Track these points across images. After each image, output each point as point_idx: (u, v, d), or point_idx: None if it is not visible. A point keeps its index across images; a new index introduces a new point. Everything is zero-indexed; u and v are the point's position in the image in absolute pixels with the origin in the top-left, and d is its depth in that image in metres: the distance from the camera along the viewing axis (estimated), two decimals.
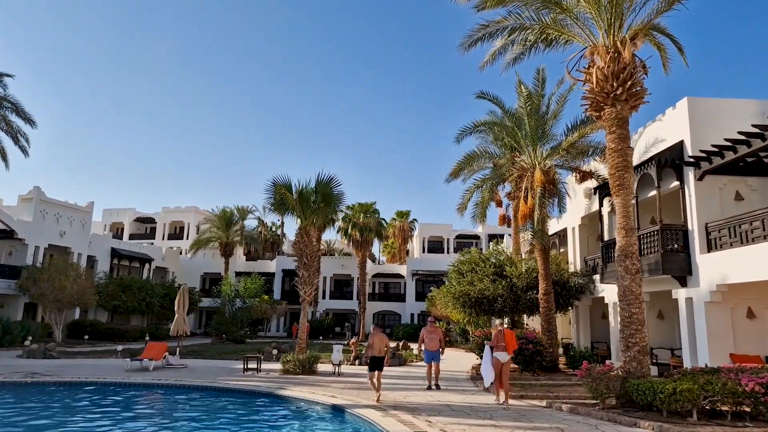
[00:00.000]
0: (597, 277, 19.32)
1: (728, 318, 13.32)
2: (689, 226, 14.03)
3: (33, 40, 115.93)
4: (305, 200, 16.65)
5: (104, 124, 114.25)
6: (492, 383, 11.35)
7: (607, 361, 17.67)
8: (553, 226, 24.97)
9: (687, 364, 13.87)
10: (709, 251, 13.43)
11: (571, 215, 22.46)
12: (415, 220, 62.89)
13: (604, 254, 17.25)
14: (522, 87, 18.02)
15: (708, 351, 13.05)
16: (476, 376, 15.89)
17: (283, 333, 47.25)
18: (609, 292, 18.19)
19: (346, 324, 49.20)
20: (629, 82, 10.41)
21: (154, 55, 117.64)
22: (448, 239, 62.20)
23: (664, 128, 15.29)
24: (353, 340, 20.41)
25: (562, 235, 25.76)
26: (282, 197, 16.46)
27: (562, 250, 25.24)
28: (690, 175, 14.11)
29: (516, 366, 16.94)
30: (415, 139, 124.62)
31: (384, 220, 46.35)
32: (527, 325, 22.61)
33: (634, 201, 10.46)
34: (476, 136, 20.98)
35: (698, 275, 13.57)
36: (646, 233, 14.59)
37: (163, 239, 59.84)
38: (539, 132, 18.34)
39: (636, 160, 16.40)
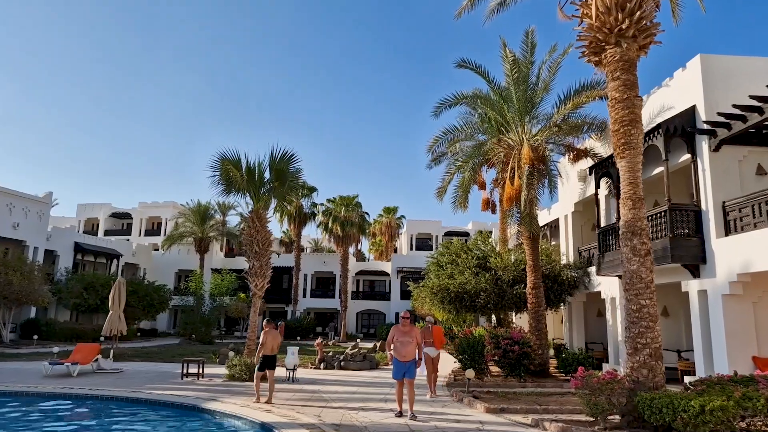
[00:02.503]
0: (592, 269, 17.19)
1: (750, 314, 11.16)
2: (703, 206, 11.87)
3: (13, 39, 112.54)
4: (255, 178, 14.33)
5: (86, 119, 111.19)
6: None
7: (605, 366, 15.58)
8: (544, 217, 22.88)
9: (700, 368, 11.72)
10: (727, 235, 11.29)
11: (563, 203, 20.33)
12: (402, 216, 60.88)
13: (601, 242, 15.08)
14: (507, 50, 15.81)
15: (726, 353, 10.89)
16: (453, 383, 13.66)
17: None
18: (606, 286, 16.06)
19: (330, 324, 47.00)
20: (637, 14, 8.21)
21: (137, 52, 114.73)
22: (436, 236, 59.94)
23: (673, 94, 13.14)
24: (318, 340, 18.11)
25: (553, 226, 23.67)
26: (229, 175, 14.12)
27: (553, 243, 23.14)
28: (704, 145, 11.95)
29: (500, 371, 14.78)
30: (406, 137, 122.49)
31: (367, 214, 44.13)
32: (514, 323, 20.39)
33: (641, 165, 8.26)
34: (459, 116, 18.76)
35: (714, 263, 11.42)
36: (652, 215, 12.40)
37: (139, 235, 57.36)
38: (527, 105, 16.17)
39: None
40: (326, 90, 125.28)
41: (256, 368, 10.43)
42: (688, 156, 12.45)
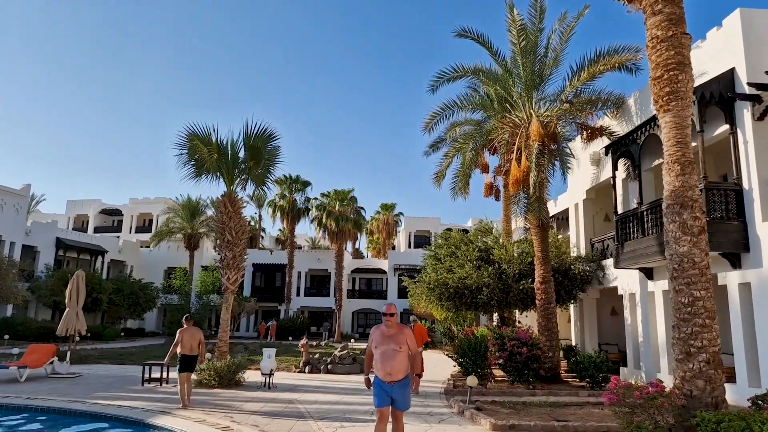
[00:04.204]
0: (607, 262, 15.49)
1: None
2: (745, 184, 10.17)
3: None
4: (228, 157, 12.60)
5: (79, 115, 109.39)
6: None
7: (623, 370, 13.77)
8: (550, 209, 21.11)
9: (742, 375, 9.99)
10: None
11: (572, 191, 18.61)
12: (401, 213, 59.30)
13: (619, 231, 13.36)
14: (514, 13, 14.06)
15: None
16: (452, 390, 11.94)
17: (254, 333, 43.11)
18: (624, 280, 14.36)
19: (324, 323, 45.35)
20: None
21: (130, 48, 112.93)
22: (435, 233, 58.12)
23: (706, 57, 11.40)
24: (303, 341, 16.37)
25: (560, 218, 21.94)
26: (197, 153, 12.38)
27: (560, 237, 21.40)
28: (745, 114, 10.25)
29: (504, 375, 13.08)
30: (406, 137, 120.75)
31: (363, 209, 42.37)
32: (519, 322, 18.67)
33: (691, 121, 6.52)
34: (460, 96, 17.01)
35: (759, 251, 9.72)
36: None
37: (130, 232, 55.80)
38: (536, 79, 14.47)
39: None
40: (326, 89, 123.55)
41: (178, 370, 9.44)
42: (725, 128, 10.75)
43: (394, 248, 59.06)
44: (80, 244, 37.35)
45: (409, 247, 58.48)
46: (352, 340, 30.09)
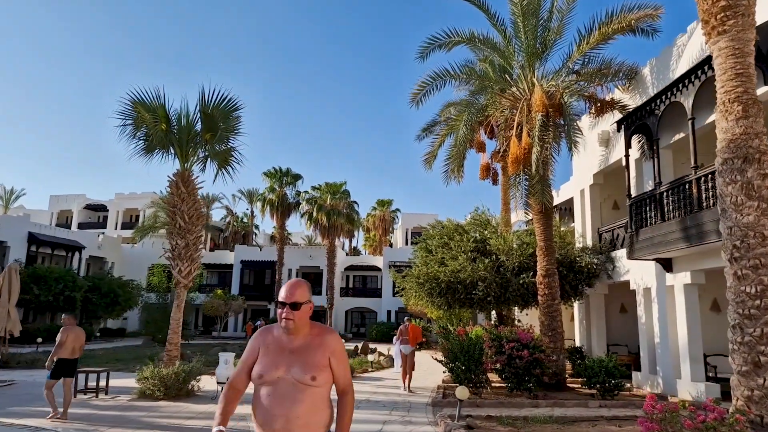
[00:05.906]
0: (617, 254, 13.78)
1: None
2: None
3: None
4: (182, 128, 10.81)
5: (68, 109, 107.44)
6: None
7: (636, 375, 11.82)
8: (553, 199, 19.44)
9: None
10: None
11: (578, 176, 16.88)
12: (397, 209, 57.65)
13: (633, 217, 11.62)
14: None
15: None
16: (441, 402, 10.17)
17: (242, 333, 41.36)
18: (638, 274, 12.65)
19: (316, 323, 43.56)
20: None
21: (122, 43, 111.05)
22: (430, 225, 56.31)
23: None
24: None
25: (564, 209, 20.25)
26: (144, 124, 10.59)
27: (563, 229, 19.70)
28: None
29: (501, 380, 11.36)
30: (404, 134, 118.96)
31: (356, 203, 40.56)
32: (519, 321, 16.94)
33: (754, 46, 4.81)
34: (453, 64, 15.26)
35: None
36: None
37: (116, 228, 54.16)
38: (538, 46, 12.74)
39: (688, 64, 10.87)
40: (326, 88, 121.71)
41: (48, 376, 8.30)
42: (764, 90, 9.01)
43: (391, 245, 57.40)
44: (55, 240, 35.48)
45: (406, 244, 56.75)
46: (343, 341, 28.33)
